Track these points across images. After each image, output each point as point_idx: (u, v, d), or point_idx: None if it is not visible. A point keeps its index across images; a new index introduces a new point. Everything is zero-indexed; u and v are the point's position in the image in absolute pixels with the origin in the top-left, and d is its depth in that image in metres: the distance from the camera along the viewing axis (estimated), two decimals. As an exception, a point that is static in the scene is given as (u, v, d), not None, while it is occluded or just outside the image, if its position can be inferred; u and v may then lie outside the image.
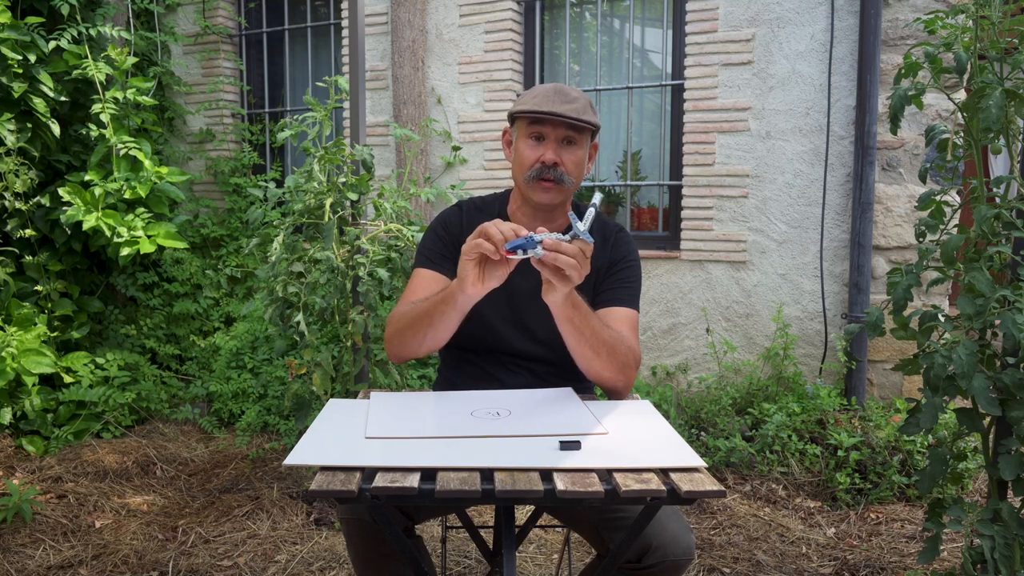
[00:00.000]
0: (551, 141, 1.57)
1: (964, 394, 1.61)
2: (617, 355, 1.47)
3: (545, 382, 1.63)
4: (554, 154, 1.56)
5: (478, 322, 1.64)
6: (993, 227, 1.66)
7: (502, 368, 1.66)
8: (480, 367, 1.67)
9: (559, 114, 1.53)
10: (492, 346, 1.66)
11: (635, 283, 1.66)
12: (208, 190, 4.70)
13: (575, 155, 1.58)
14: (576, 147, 1.58)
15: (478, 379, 1.66)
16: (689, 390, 3.67)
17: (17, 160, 3.50)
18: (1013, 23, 1.63)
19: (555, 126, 1.56)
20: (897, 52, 3.29)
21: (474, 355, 1.68)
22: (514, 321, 1.65)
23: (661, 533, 1.35)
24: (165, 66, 4.53)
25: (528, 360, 1.66)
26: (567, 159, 1.57)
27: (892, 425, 3.05)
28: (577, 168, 1.59)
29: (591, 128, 1.58)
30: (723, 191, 3.60)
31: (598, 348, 1.45)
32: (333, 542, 2.67)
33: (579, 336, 1.43)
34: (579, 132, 1.57)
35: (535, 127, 1.57)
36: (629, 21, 3.96)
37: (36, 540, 2.68)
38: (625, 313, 1.59)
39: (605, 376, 1.49)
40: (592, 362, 1.47)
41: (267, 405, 3.71)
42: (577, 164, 1.59)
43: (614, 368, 1.48)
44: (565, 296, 1.36)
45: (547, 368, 1.65)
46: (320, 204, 2.69)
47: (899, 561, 2.50)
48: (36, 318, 3.62)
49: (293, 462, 1.09)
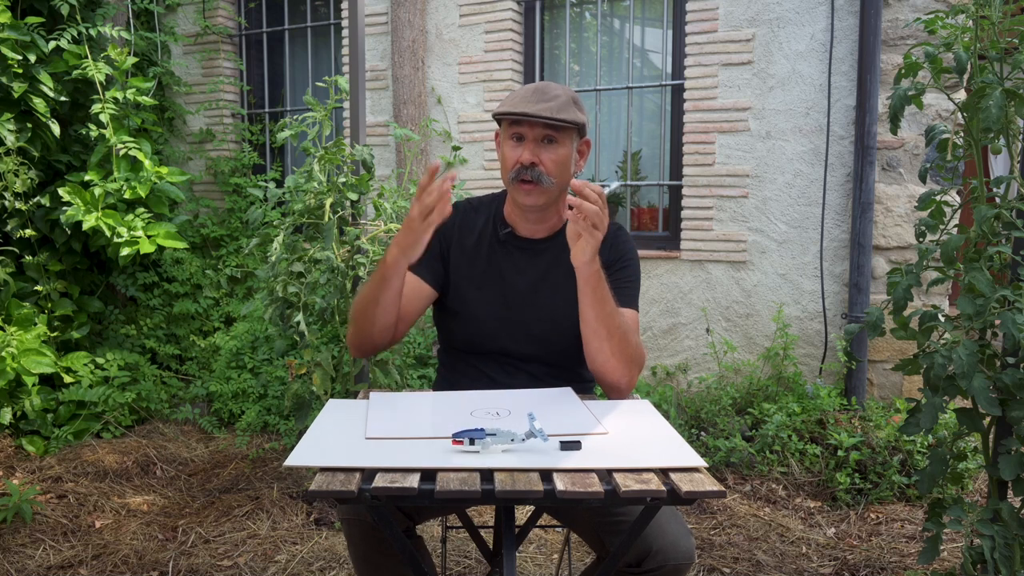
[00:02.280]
0: (530, 141, 1.55)
1: (964, 394, 1.61)
2: (628, 347, 1.48)
3: (542, 383, 1.62)
4: (531, 154, 1.54)
5: (475, 325, 1.64)
6: (993, 227, 1.66)
7: (500, 370, 1.65)
8: (478, 368, 1.67)
9: (532, 114, 1.51)
10: (490, 347, 1.65)
11: (634, 283, 1.64)
12: (208, 190, 4.70)
13: (555, 154, 1.55)
14: (557, 146, 1.55)
15: (475, 379, 1.65)
16: (689, 390, 3.67)
17: (17, 160, 3.50)
18: (1013, 23, 1.63)
19: (532, 126, 1.54)
20: (897, 52, 3.29)
21: (472, 357, 1.68)
22: (510, 320, 1.64)
23: (661, 537, 1.35)
24: (165, 66, 4.53)
25: (525, 361, 1.65)
26: (546, 158, 1.55)
27: (892, 425, 3.05)
28: (559, 167, 1.56)
29: (571, 126, 1.54)
30: (723, 191, 3.60)
31: (612, 331, 1.46)
32: (333, 542, 2.67)
33: (598, 309, 1.44)
34: (559, 131, 1.54)
35: (514, 128, 1.56)
36: (629, 21, 3.96)
37: (36, 540, 2.68)
38: (627, 314, 1.57)
39: (611, 365, 1.47)
40: (604, 344, 1.46)
41: (267, 405, 3.71)
42: (558, 163, 1.55)
43: (622, 359, 1.47)
44: (592, 254, 1.38)
45: (545, 369, 1.65)
46: (320, 204, 2.68)
47: (899, 561, 2.50)
48: (36, 318, 3.62)
49: (293, 463, 1.09)
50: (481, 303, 1.63)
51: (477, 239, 1.68)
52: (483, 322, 1.64)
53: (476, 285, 1.65)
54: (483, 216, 1.71)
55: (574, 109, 1.55)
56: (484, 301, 1.63)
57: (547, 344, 1.63)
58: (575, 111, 1.55)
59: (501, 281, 1.65)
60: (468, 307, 1.65)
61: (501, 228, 1.67)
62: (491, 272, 1.66)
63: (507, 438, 1.12)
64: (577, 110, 1.56)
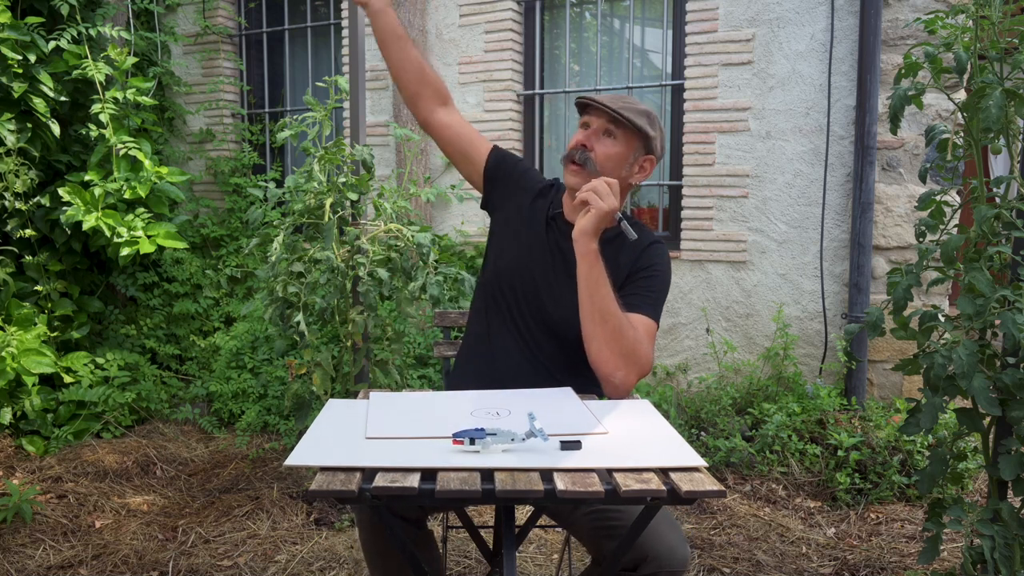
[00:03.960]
0: (593, 130, 1.62)
1: (964, 394, 1.61)
2: (622, 340, 1.48)
3: (541, 369, 1.64)
4: (586, 138, 1.61)
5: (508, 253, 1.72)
6: (993, 227, 1.66)
7: (506, 354, 1.67)
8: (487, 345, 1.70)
9: (597, 100, 1.60)
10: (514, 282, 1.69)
11: (656, 293, 1.63)
12: (208, 190, 4.70)
13: (610, 148, 1.61)
14: (614, 140, 1.61)
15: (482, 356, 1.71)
16: (689, 390, 3.67)
17: (17, 160, 3.50)
18: (1013, 23, 1.63)
19: (598, 115, 1.61)
20: (897, 52, 3.29)
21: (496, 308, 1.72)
22: (535, 294, 1.68)
23: (657, 544, 1.35)
24: (165, 66, 4.53)
25: (535, 345, 1.66)
26: (599, 148, 1.61)
27: (892, 425, 3.05)
28: (609, 161, 1.61)
29: (631, 126, 1.58)
30: (723, 191, 3.60)
31: (607, 318, 1.47)
32: (333, 542, 2.67)
33: (592, 290, 1.47)
34: (619, 126, 1.60)
35: (583, 116, 1.65)
36: (629, 21, 3.96)
37: (36, 540, 2.68)
38: (639, 320, 1.56)
39: (604, 355, 1.48)
40: (597, 330, 1.48)
41: (267, 405, 3.71)
42: (610, 157, 1.61)
43: (615, 351, 1.47)
44: (591, 229, 1.45)
45: (561, 359, 1.66)
46: (320, 204, 2.68)
47: (899, 561, 2.50)
48: (36, 318, 3.62)
49: (293, 463, 1.09)
50: (516, 240, 1.73)
51: (536, 199, 1.77)
52: (512, 256, 1.72)
53: (515, 228, 1.75)
54: (554, 192, 1.79)
55: (642, 118, 1.61)
56: (519, 242, 1.73)
57: (561, 331, 1.64)
58: (642, 119, 1.60)
59: (538, 244, 1.72)
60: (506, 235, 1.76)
61: (555, 208, 1.74)
62: (533, 234, 1.73)
63: (507, 438, 1.13)
64: (646, 122, 1.61)
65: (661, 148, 1.67)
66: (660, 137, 1.65)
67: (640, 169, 1.66)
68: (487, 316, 1.73)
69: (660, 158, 1.69)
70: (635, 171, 1.65)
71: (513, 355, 1.67)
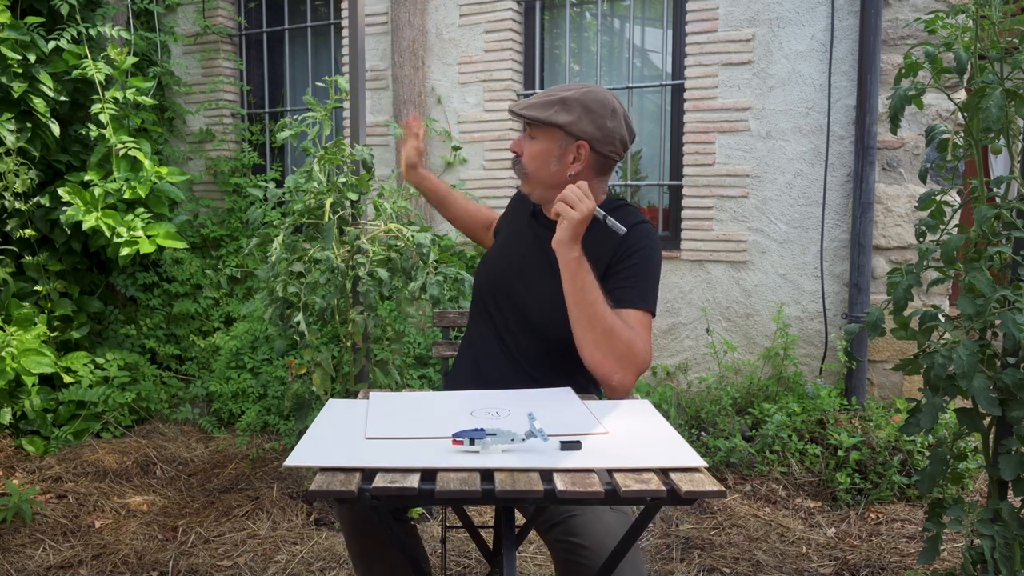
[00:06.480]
0: (523, 135, 1.66)
1: (964, 394, 1.61)
2: (615, 342, 1.44)
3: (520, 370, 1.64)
4: (516, 145, 1.66)
5: (488, 263, 1.78)
6: (993, 227, 1.66)
7: (492, 360, 1.67)
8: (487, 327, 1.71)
9: (511, 108, 1.64)
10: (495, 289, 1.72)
11: (644, 279, 1.55)
12: (208, 190, 4.70)
13: (532, 148, 1.62)
14: (534, 140, 1.61)
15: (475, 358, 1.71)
16: (689, 390, 3.67)
17: (17, 160, 3.50)
18: (1013, 23, 1.63)
19: (521, 119, 1.64)
20: (897, 52, 3.29)
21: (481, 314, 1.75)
22: (515, 280, 1.69)
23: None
24: (165, 66, 4.53)
25: (514, 345, 1.66)
26: (526, 150, 1.63)
27: (892, 425, 3.05)
28: (533, 161, 1.61)
29: (542, 122, 1.56)
30: (723, 191, 3.60)
31: (595, 322, 1.44)
32: (333, 542, 2.67)
33: (577, 296, 1.45)
34: (533, 126, 1.61)
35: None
36: (629, 21, 3.96)
37: (36, 540, 2.68)
38: (631, 315, 1.51)
39: (597, 359, 1.46)
40: (586, 334, 1.46)
41: (267, 405, 3.71)
42: (533, 157, 1.61)
43: (608, 354, 1.45)
44: (568, 238, 1.43)
45: (538, 366, 1.64)
46: (320, 204, 2.68)
47: (899, 561, 2.50)
48: (36, 318, 3.62)
49: (293, 463, 1.09)
50: (500, 241, 1.80)
51: (523, 203, 1.81)
52: (493, 255, 1.79)
53: (503, 235, 1.84)
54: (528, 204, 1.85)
55: (550, 108, 1.56)
56: (500, 241, 1.81)
57: (543, 330, 1.62)
58: (550, 110, 1.55)
59: (519, 241, 1.75)
60: (495, 242, 1.87)
61: (536, 204, 1.76)
62: (515, 232, 1.77)
63: (507, 438, 1.12)
64: (557, 110, 1.55)
65: (597, 129, 1.55)
66: (587, 118, 1.54)
67: (576, 158, 1.57)
68: (472, 317, 1.79)
69: (602, 139, 1.56)
70: (569, 161, 1.58)
71: (494, 356, 1.67)
